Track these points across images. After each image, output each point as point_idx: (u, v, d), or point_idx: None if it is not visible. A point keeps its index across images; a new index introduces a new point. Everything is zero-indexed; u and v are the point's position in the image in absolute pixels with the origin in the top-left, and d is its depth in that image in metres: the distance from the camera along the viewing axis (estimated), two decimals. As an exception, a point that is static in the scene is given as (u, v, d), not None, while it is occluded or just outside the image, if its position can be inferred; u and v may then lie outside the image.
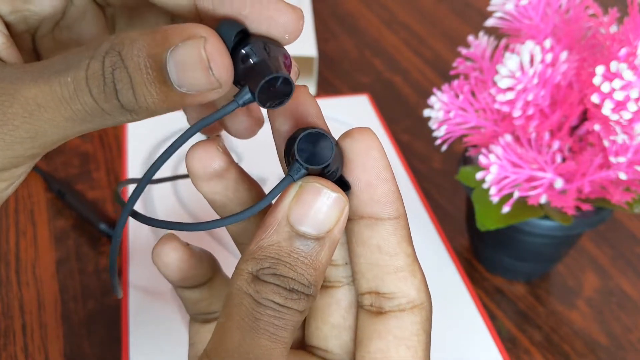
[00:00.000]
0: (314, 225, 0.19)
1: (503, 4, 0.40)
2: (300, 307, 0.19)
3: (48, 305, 0.43)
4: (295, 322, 0.19)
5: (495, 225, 0.39)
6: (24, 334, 0.41)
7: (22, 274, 0.45)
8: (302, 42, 0.62)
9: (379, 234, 0.20)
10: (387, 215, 0.20)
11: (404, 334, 0.20)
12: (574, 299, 0.47)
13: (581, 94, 0.39)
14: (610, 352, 0.43)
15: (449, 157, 0.57)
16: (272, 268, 0.19)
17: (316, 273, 0.19)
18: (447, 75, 0.68)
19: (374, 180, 0.20)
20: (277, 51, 0.19)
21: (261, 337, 0.19)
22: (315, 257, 0.19)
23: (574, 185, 0.39)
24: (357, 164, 0.20)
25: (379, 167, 0.20)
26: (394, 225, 0.21)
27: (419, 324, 0.21)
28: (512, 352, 0.43)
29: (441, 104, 0.41)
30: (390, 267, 0.21)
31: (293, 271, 0.19)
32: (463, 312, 0.41)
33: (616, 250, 0.51)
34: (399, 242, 0.21)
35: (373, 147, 0.20)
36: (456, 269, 0.44)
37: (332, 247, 0.20)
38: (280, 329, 0.19)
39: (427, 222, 0.47)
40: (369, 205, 0.20)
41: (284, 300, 0.19)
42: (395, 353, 0.20)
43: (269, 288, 0.19)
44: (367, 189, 0.20)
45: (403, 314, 0.21)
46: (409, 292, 0.21)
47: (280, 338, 0.19)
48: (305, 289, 0.19)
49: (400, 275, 0.21)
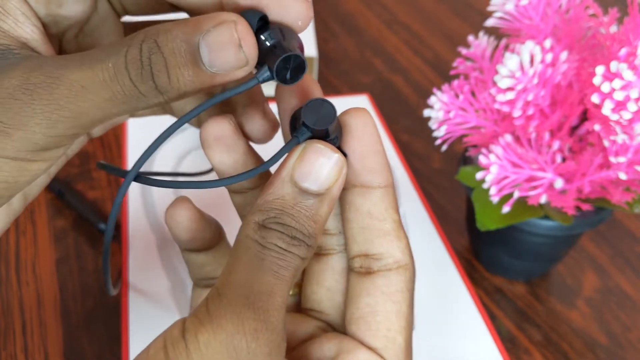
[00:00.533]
0: (316, 182, 0.21)
1: (503, 4, 0.40)
2: (301, 253, 0.21)
3: (48, 304, 0.43)
4: (296, 266, 0.21)
5: (495, 225, 0.39)
6: (23, 332, 0.41)
7: (22, 273, 0.45)
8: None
9: (370, 200, 0.23)
10: (377, 184, 0.23)
11: (390, 290, 0.23)
12: (574, 298, 0.47)
13: (581, 94, 0.39)
14: (609, 352, 0.43)
15: (449, 157, 0.57)
16: (276, 218, 0.21)
17: (316, 226, 0.21)
18: (447, 75, 0.68)
19: (367, 152, 0.23)
20: (292, 36, 0.22)
21: (265, 274, 0.20)
22: (316, 211, 0.21)
23: (574, 185, 0.39)
24: (353, 137, 0.23)
25: (373, 140, 0.23)
26: (384, 193, 0.23)
27: (403, 282, 0.23)
28: (511, 352, 0.43)
29: (441, 104, 0.41)
30: (379, 230, 0.23)
31: (296, 222, 0.21)
32: (463, 311, 0.41)
33: (616, 250, 0.51)
34: (387, 208, 0.23)
35: (367, 123, 0.23)
36: (456, 269, 0.44)
37: (331, 203, 0.22)
38: (282, 268, 0.21)
39: (427, 222, 0.47)
40: (362, 174, 0.23)
41: (287, 245, 0.21)
42: (382, 307, 0.23)
43: (274, 234, 0.21)
44: (361, 159, 0.23)
45: (390, 272, 0.23)
46: (395, 253, 0.23)
47: (282, 276, 0.21)
48: (306, 239, 0.21)
49: (388, 238, 0.23)
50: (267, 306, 0.20)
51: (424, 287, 0.42)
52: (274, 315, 0.20)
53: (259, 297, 0.20)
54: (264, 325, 0.20)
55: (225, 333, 0.19)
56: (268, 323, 0.20)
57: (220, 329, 0.19)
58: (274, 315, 0.20)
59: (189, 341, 0.19)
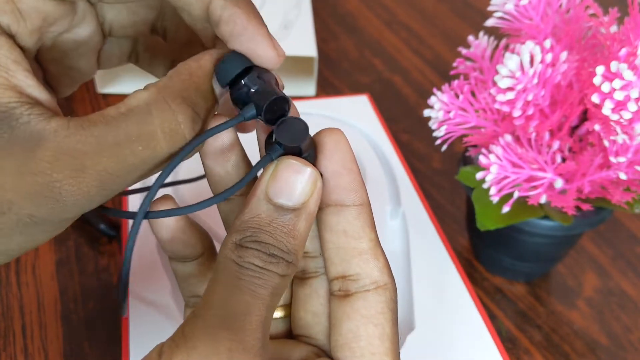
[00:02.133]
0: (290, 197, 0.21)
1: (503, 4, 0.40)
2: (280, 270, 0.21)
3: (48, 305, 0.43)
4: (275, 284, 0.21)
5: (495, 225, 0.39)
6: (23, 334, 0.41)
7: (21, 274, 0.45)
8: (302, 42, 0.62)
9: (344, 219, 0.23)
10: (351, 202, 0.23)
11: (370, 312, 0.22)
12: (574, 299, 0.47)
13: (581, 94, 0.39)
14: (610, 352, 0.43)
15: (449, 157, 0.57)
16: (253, 236, 0.21)
17: (295, 242, 0.21)
18: (447, 75, 0.68)
19: (340, 170, 0.23)
20: (270, 77, 0.23)
21: (242, 294, 0.20)
22: (293, 227, 0.21)
23: (574, 185, 0.39)
24: (325, 155, 0.23)
25: (345, 159, 0.23)
26: (358, 211, 0.23)
27: (384, 302, 0.22)
28: (512, 352, 0.43)
29: (441, 104, 0.41)
30: (355, 249, 0.23)
31: (273, 238, 0.21)
32: (463, 312, 0.41)
33: (616, 250, 0.51)
34: (362, 226, 0.23)
35: (340, 141, 0.23)
36: (456, 269, 0.44)
37: (308, 218, 0.22)
38: (259, 287, 0.21)
39: (427, 222, 0.47)
40: (335, 193, 0.23)
41: (264, 263, 0.21)
42: (364, 331, 0.22)
43: (250, 253, 0.21)
44: (334, 178, 0.23)
45: (368, 294, 0.22)
46: (373, 273, 0.23)
47: (260, 295, 0.20)
48: (284, 255, 0.21)
49: (364, 257, 0.23)
50: (244, 326, 0.20)
51: (424, 287, 0.42)
52: (250, 335, 0.20)
53: (235, 317, 0.20)
54: (239, 345, 0.19)
55: (199, 355, 0.19)
56: (244, 343, 0.20)
57: (194, 351, 0.19)
58: (251, 335, 0.20)
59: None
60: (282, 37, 0.63)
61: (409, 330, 0.40)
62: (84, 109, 0.60)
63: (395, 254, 0.45)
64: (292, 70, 0.66)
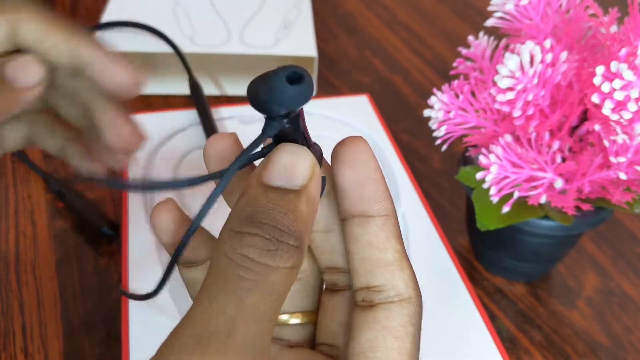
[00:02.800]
0: (289, 180, 0.20)
1: (503, 4, 0.40)
2: (282, 261, 0.18)
3: (48, 304, 0.43)
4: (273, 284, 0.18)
5: (495, 225, 0.39)
6: (23, 333, 0.41)
7: (21, 273, 0.45)
8: (302, 42, 0.62)
9: (369, 230, 0.22)
10: (376, 213, 0.22)
11: (391, 324, 0.21)
12: (575, 299, 0.47)
13: (581, 94, 0.39)
14: (611, 353, 0.43)
15: (449, 157, 0.57)
16: (250, 217, 0.19)
17: (298, 223, 0.19)
18: (447, 75, 0.68)
19: (363, 180, 0.22)
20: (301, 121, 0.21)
21: (227, 304, 0.18)
22: (295, 207, 0.19)
23: (574, 185, 0.39)
24: (348, 166, 0.22)
25: (369, 168, 0.22)
26: (383, 222, 0.22)
27: (407, 316, 0.21)
28: (512, 352, 0.43)
29: (441, 104, 0.41)
30: (380, 261, 0.22)
31: (271, 217, 0.19)
32: (463, 312, 0.41)
33: (616, 251, 0.51)
34: (387, 237, 0.22)
35: (363, 151, 0.22)
36: (456, 269, 0.44)
37: (310, 202, 0.20)
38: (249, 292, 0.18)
39: (427, 222, 0.47)
40: (360, 204, 0.22)
41: (260, 254, 0.18)
42: (382, 342, 0.21)
43: (247, 241, 0.18)
44: (357, 189, 0.22)
45: (391, 305, 0.21)
46: (397, 285, 0.22)
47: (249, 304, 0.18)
48: (286, 237, 0.19)
49: (389, 269, 0.22)
50: (224, 349, 0.17)
51: (424, 287, 0.42)
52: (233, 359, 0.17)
53: (214, 338, 0.17)
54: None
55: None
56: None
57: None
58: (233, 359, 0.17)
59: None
60: (282, 37, 0.63)
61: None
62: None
63: (395, 254, 0.45)
64: (292, 70, 0.66)
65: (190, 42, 0.61)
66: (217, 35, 0.63)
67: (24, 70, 0.26)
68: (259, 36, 0.63)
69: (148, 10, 0.65)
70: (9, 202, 0.50)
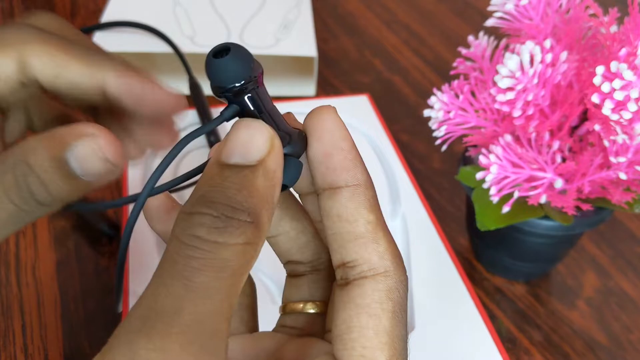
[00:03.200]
0: (244, 156, 0.19)
1: (503, 4, 0.40)
2: (233, 237, 0.18)
3: (48, 305, 0.43)
4: (224, 261, 0.17)
5: (495, 225, 0.39)
6: (23, 334, 0.41)
7: (21, 274, 0.45)
8: (302, 42, 0.62)
9: (338, 202, 0.20)
10: (344, 183, 0.20)
11: (365, 301, 0.20)
12: (574, 298, 0.47)
13: (581, 94, 0.39)
14: (610, 352, 0.43)
15: (449, 157, 0.57)
16: (203, 197, 0.18)
17: (253, 199, 0.18)
18: (447, 75, 0.68)
19: (330, 150, 0.20)
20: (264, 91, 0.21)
21: (173, 285, 0.17)
22: (250, 183, 0.18)
23: (574, 185, 0.39)
24: (314, 137, 0.21)
25: (335, 137, 0.20)
26: (352, 192, 0.20)
27: (382, 291, 0.20)
28: (512, 352, 0.43)
29: (441, 104, 0.41)
30: (350, 234, 0.20)
31: (224, 195, 0.18)
32: (463, 312, 0.41)
33: (616, 250, 0.51)
34: (356, 208, 0.20)
35: (329, 120, 0.21)
36: (456, 269, 0.44)
37: (269, 177, 0.19)
38: (197, 271, 0.17)
39: (427, 222, 0.47)
40: (327, 175, 0.21)
41: (208, 232, 0.17)
42: (357, 322, 0.20)
43: (196, 220, 0.18)
44: (324, 160, 0.21)
45: (365, 281, 0.20)
46: (370, 259, 0.20)
47: (194, 285, 0.17)
48: (238, 214, 0.18)
49: (361, 241, 0.20)
50: (168, 330, 0.16)
51: (424, 287, 0.42)
52: (177, 341, 0.16)
53: (159, 319, 0.17)
54: (160, 355, 0.16)
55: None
56: (166, 352, 0.16)
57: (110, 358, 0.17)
58: (178, 340, 0.16)
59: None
60: (282, 37, 0.63)
61: (409, 330, 0.40)
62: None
63: (395, 254, 0.45)
64: (292, 70, 0.66)
65: (190, 42, 0.61)
66: (217, 35, 0.63)
67: (85, 162, 0.21)
68: (259, 36, 0.63)
69: (148, 10, 0.65)
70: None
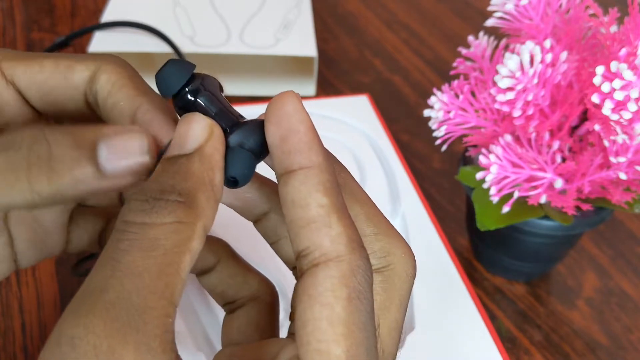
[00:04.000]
0: (180, 145, 0.19)
1: (503, 4, 0.40)
2: (161, 217, 0.18)
3: (47, 305, 0.43)
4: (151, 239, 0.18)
5: (495, 225, 0.39)
6: (23, 333, 0.41)
7: (21, 274, 0.45)
8: (302, 42, 0.62)
9: (291, 186, 0.19)
10: (297, 166, 0.19)
11: (317, 291, 0.18)
12: (574, 298, 0.47)
13: (581, 94, 0.39)
14: (610, 352, 0.43)
15: (449, 157, 0.57)
16: (140, 189, 0.19)
17: (187, 183, 0.19)
18: (447, 75, 0.68)
19: (286, 133, 0.20)
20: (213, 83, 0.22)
21: (102, 269, 0.18)
22: (184, 168, 0.19)
23: (574, 185, 0.39)
24: (272, 122, 0.20)
25: (292, 121, 0.20)
26: (304, 175, 0.19)
27: (335, 278, 0.18)
28: (512, 352, 0.43)
29: (441, 104, 0.41)
30: (302, 219, 0.19)
31: (158, 183, 0.19)
32: (463, 312, 0.41)
33: (616, 250, 0.51)
34: (309, 191, 0.19)
35: (288, 104, 0.20)
36: (456, 269, 0.44)
37: (205, 161, 0.19)
38: (122, 252, 0.18)
39: (427, 222, 0.47)
40: (282, 159, 0.20)
41: (135, 215, 0.18)
42: (310, 315, 0.18)
43: (126, 207, 0.18)
44: (280, 143, 0.20)
45: (316, 269, 0.19)
46: (322, 244, 0.19)
47: (122, 264, 0.17)
48: (168, 195, 0.18)
49: (312, 226, 0.19)
50: (92, 307, 0.17)
51: (424, 287, 0.42)
52: (101, 317, 0.17)
53: (86, 298, 0.17)
54: (83, 331, 0.17)
55: (49, 343, 0.17)
56: (89, 327, 0.17)
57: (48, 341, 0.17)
58: (102, 316, 0.17)
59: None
60: (282, 37, 0.63)
61: (409, 330, 0.40)
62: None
63: (395, 253, 0.45)
64: (292, 70, 0.66)
65: (190, 42, 0.61)
66: (217, 35, 0.63)
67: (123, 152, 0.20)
68: (259, 36, 0.63)
69: (148, 10, 0.65)
70: (9, 202, 0.50)
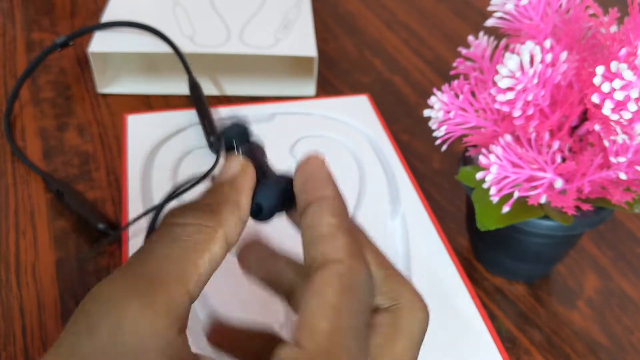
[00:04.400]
0: (219, 175, 0.25)
1: (503, 4, 0.40)
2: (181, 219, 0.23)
3: (48, 306, 0.43)
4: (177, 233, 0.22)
5: (495, 225, 0.39)
6: (23, 335, 0.41)
7: (21, 275, 0.45)
8: (302, 42, 0.62)
9: (308, 215, 0.23)
10: (313, 199, 0.24)
11: (314, 287, 0.21)
12: (575, 299, 0.47)
13: (581, 94, 0.39)
14: (610, 353, 0.43)
15: (449, 157, 0.57)
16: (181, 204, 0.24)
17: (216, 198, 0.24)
18: (447, 75, 0.68)
19: (308, 176, 0.25)
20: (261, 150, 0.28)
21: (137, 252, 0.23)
22: (218, 189, 0.24)
23: (574, 185, 0.39)
24: (297, 169, 0.25)
25: (314, 167, 0.25)
26: (319, 204, 0.23)
27: (333, 275, 0.21)
28: (512, 353, 0.43)
29: (441, 104, 0.41)
30: (314, 237, 0.23)
31: (195, 199, 0.24)
32: (463, 312, 0.41)
33: (617, 251, 0.51)
34: (320, 214, 0.23)
35: (313, 160, 0.25)
36: (456, 269, 0.44)
37: (234, 186, 0.24)
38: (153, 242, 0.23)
39: (427, 222, 0.47)
40: (304, 197, 0.24)
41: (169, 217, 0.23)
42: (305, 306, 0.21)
43: (169, 212, 0.24)
44: (303, 186, 0.24)
45: (317, 272, 0.21)
46: (326, 252, 0.22)
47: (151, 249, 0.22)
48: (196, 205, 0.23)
49: (323, 241, 0.22)
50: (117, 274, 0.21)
51: (424, 287, 0.42)
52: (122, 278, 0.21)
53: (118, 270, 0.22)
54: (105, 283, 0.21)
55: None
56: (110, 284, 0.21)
57: None
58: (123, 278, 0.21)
59: None
60: (282, 37, 0.63)
61: (409, 331, 0.40)
62: (83, 108, 0.60)
63: (395, 254, 0.45)
64: (292, 70, 0.66)
65: (190, 42, 0.61)
66: (217, 35, 0.63)
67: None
68: (259, 36, 0.63)
69: (148, 10, 0.65)
70: (9, 204, 0.50)
